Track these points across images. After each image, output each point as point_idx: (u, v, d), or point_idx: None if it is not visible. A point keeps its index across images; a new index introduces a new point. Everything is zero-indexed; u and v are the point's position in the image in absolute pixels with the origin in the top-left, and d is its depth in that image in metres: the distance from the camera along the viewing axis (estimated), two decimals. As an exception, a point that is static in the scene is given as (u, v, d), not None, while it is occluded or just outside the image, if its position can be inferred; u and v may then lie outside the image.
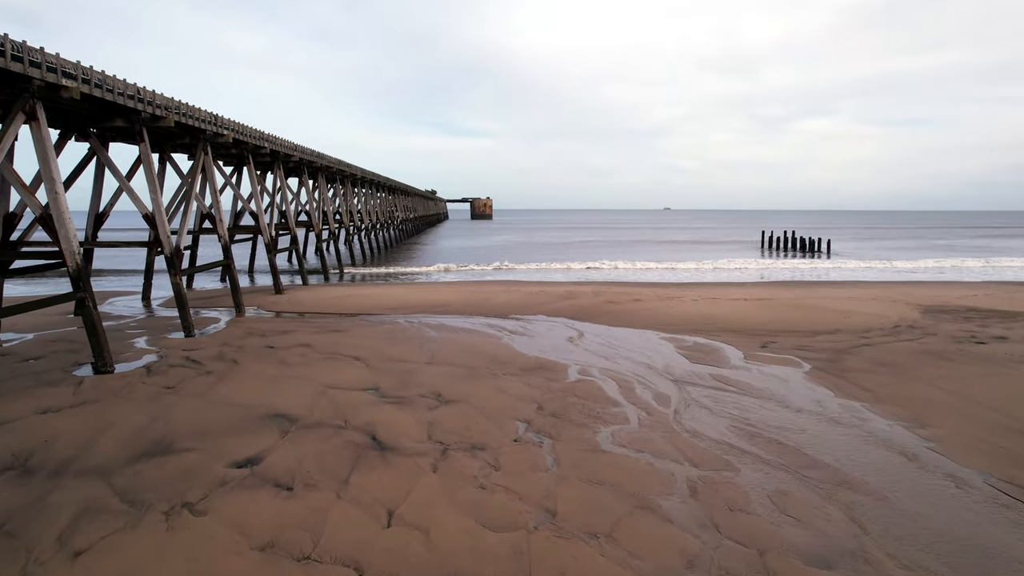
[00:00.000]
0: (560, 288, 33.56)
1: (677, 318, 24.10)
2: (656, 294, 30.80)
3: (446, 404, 13.38)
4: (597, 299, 29.21)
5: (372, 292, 32.45)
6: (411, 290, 33.31)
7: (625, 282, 38.76)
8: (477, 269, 49.41)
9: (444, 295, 30.95)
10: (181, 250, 22.33)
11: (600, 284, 36.81)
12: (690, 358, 17.65)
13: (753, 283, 37.73)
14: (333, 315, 26.02)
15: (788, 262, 55.90)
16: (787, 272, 47.30)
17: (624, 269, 49.27)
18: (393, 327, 22.49)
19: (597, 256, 62.27)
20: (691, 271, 48.42)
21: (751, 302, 27.90)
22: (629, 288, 33.73)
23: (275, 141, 33.72)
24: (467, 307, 27.34)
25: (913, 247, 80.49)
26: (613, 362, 17.25)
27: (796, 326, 22.27)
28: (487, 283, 37.66)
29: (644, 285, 36.17)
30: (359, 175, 58.80)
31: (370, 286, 36.31)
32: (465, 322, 23.62)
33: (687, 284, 36.89)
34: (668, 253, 67.10)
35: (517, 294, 31.15)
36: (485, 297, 30.04)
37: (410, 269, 49.06)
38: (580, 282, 38.77)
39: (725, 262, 55.47)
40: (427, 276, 44.77)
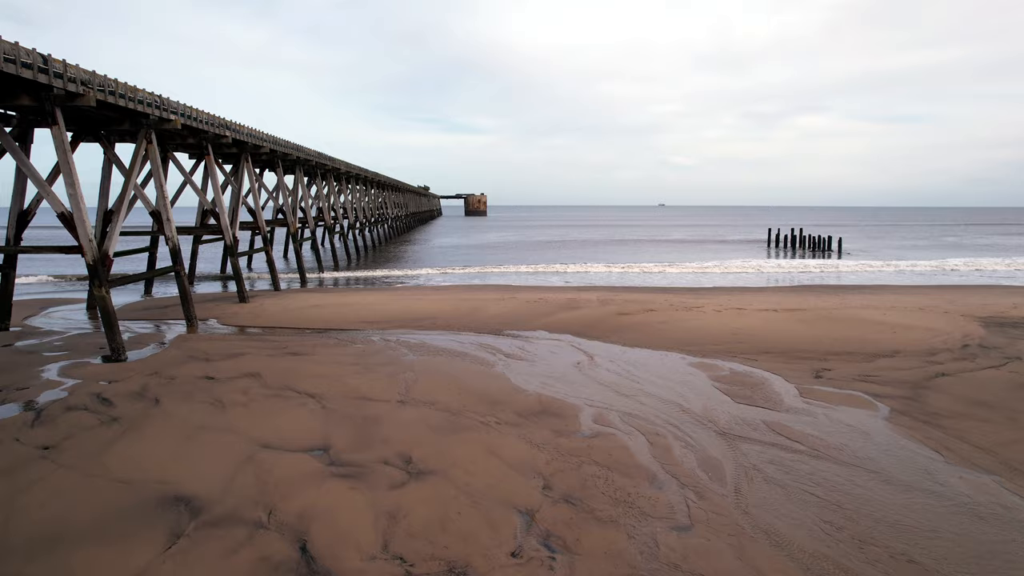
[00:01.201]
0: (561, 295, 29.90)
1: (702, 335, 20.45)
2: (671, 303, 27.15)
3: (417, 477, 9.68)
4: (604, 309, 25.55)
5: (349, 300, 28.70)
6: (394, 298, 29.58)
7: (632, 287, 35.11)
8: (469, 272, 45.70)
9: (430, 304, 27.23)
10: (109, 256, 18.54)
11: (605, 290, 33.15)
12: (732, 395, 14.01)
13: (776, 288, 34.12)
14: (299, 330, 22.29)
15: (802, 263, 52.37)
16: (804, 275, 43.75)
17: (628, 272, 45.62)
18: (365, 348, 18.75)
19: (598, 256, 58.67)
20: (700, 274, 44.83)
21: (783, 313, 24.27)
22: (639, 295, 30.08)
23: (240, 130, 29.90)
24: (456, 320, 23.64)
25: (924, 246, 77.18)
26: (636, 401, 13.58)
27: (846, 346, 18.64)
28: (480, 288, 33.96)
29: (655, 291, 32.52)
30: (343, 170, 54.94)
31: (349, 292, 32.55)
32: (452, 340, 19.92)
33: (703, 290, 33.25)
34: (673, 253, 63.53)
35: (513, 303, 27.45)
36: (477, 307, 26.34)
37: (397, 272, 45.30)
38: (583, 287, 35.10)
39: (736, 264, 51.91)
40: (415, 280, 41.02)
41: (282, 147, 36.83)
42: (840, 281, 39.02)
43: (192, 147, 28.72)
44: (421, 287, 36.06)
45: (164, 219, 22.85)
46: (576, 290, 33.00)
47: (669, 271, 45.98)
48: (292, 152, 38.60)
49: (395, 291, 32.99)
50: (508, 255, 59.92)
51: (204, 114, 25.87)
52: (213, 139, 27.58)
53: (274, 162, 37.97)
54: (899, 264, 49.72)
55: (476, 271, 45.48)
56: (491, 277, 41.68)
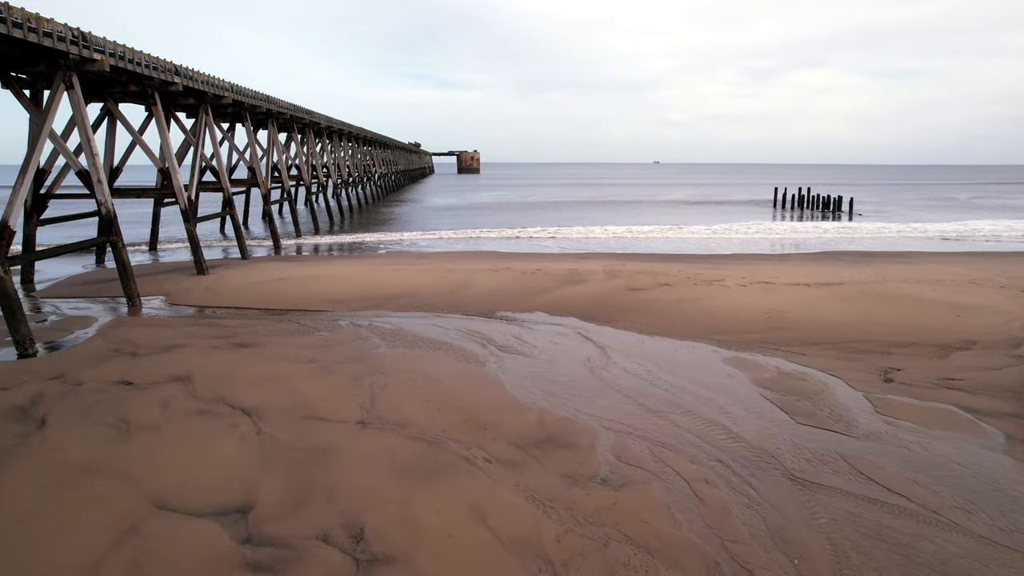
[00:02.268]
0: (561, 265, 26.62)
1: (732, 318, 17.30)
2: (686, 274, 23.93)
3: (367, 572, 6.58)
4: (612, 283, 22.33)
5: (323, 272, 25.35)
6: (373, 268, 26.23)
7: (639, 255, 31.83)
8: (460, 236, 42.24)
9: (413, 277, 23.93)
10: (9, 226, 15.09)
11: (609, 257, 29.86)
12: (789, 409, 10.90)
13: (798, 256, 30.87)
14: (257, 311, 19.03)
15: (816, 226, 49.09)
16: (823, 240, 40.53)
17: (632, 236, 42.23)
18: (328, 337, 15.52)
19: (597, 218, 55.19)
20: (710, 238, 41.53)
21: (818, 289, 21.12)
22: (648, 264, 26.82)
23: (195, 77, 26.00)
24: (441, 298, 20.40)
25: (935, 206, 73.85)
26: (669, 421, 10.46)
27: (907, 334, 15.53)
28: (470, 256, 30.62)
29: (665, 259, 29.25)
30: (323, 124, 50.79)
31: (325, 262, 29.14)
32: (435, 326, 16.71)
33: (719, 258, 30.00)
34: (676, 215, 59.98)
35: (507, 275, 24.18)
36: (466, 280, 23.06)
37: (381, 236, 41.78)
38: (584, 254, 31.80)
39: (745, 226, 48.58)
40: (400, 245, 37.58)
41: (249, 98, 32.87)
42: (864, 247, 35.81)
43: (137, 96, 24.86)
44: (405, 254, 32.68)
45: (94, 181, 19.29)
46: (577, 258, 29.71)
47: (675, 235, 42.64)
48: (262, 104, 34.63)
49: (376, 260, 29.61)
50: (502, 217, 56.33)
51: (146, 56, 22.02)
52: (160, 87, 23.73)
53: (241, 115, 34.02)
54: (922, 227, 46.48)
55: (467, 236, 42.03)
56: (483, 243, 38.28)
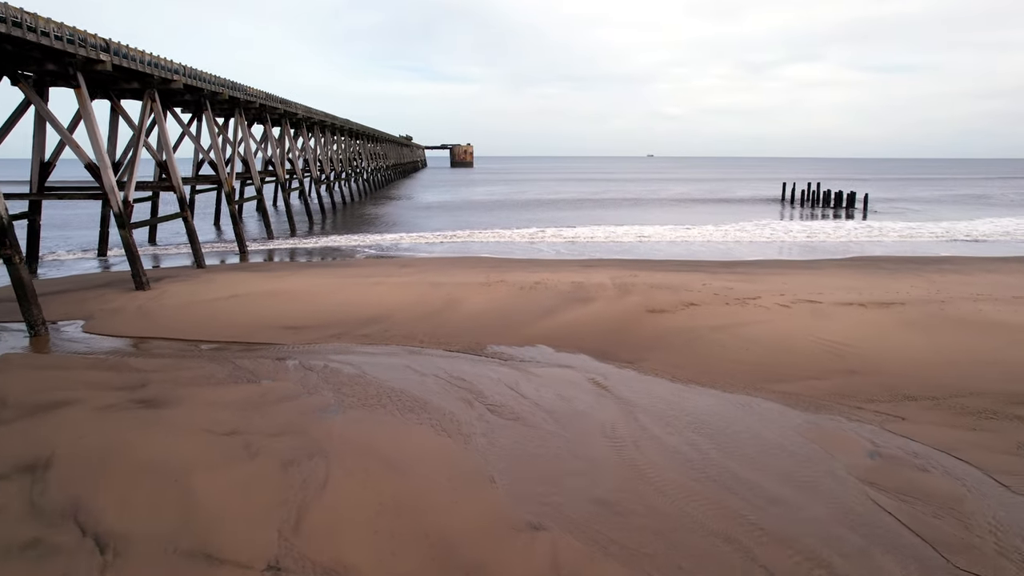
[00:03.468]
0: (564, 276, 22.90)
1: (786, 353, 13.64)
2: (712, 289, 20.26)
3: None
4: (627, 302, 18.63)
5: (285, 287, 21.53)
6: (346, 281, 22.44)
7: (651, 262, 28.13)
8: (451, 238, 38.44)
9: (391, 293, 20.16)
10: None
11: (618, 265, 26.14)
12: (933, 540, 7.17)
13: (832, 263, 27.18)
14: (189, 343, 15.26)
15: (836, 225, 45.55)
16: (847, 241, 36.97)
17: (638, 238, 38.50)
18: (267, 390, 11.73)
19: (598, 216, 51.44)
20: (725, 241, 37.90)
21: (875, 310, 17.46)
22: (665, 275, 23.12)
23: (132, 56, 22.07)
24: (421, 322, 16.67)
25: (952, 201, 70.50)
26: (748, 559, 6.76)
27: (1021, 379, 11.89)
28: (461, 264, 26.87)
29: (682, 268, 25.54)
30: (301, 115, 46.82)
31: (292, 272, 25.27)
32: (408, 368, 12.97)
33: (743, 265, 26.31)
34: (680, 213, 56.22)
35: (501, 290, 20.45)
36: (452, 297, 19.32)
37: (363, 239, 37.93)
38: (589, 261, 28.07)
39: (758, 226, 44.98)
40: (382, 249, 33.78)
41: (208, 83, 28.94)
42: (899, 250, 32.23)
43: (56, 76, 20.93)
44: (387, 261, 28.89)
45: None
46: (581, 267, 25.99)
47: (683, 237, 38.94)
48: (224, 91, 30.69)
49: (352, 269, 25.79)
50: (497, 216, 52.47)
51: (60, 26, 18.11)
52: (83, 65, 19.81)
53: (201, 103, 30.08)
54: (948, 227, 42.94)
55: (458, 238, 38.22)
56: (475, 247, 34.48)
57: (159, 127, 25.22)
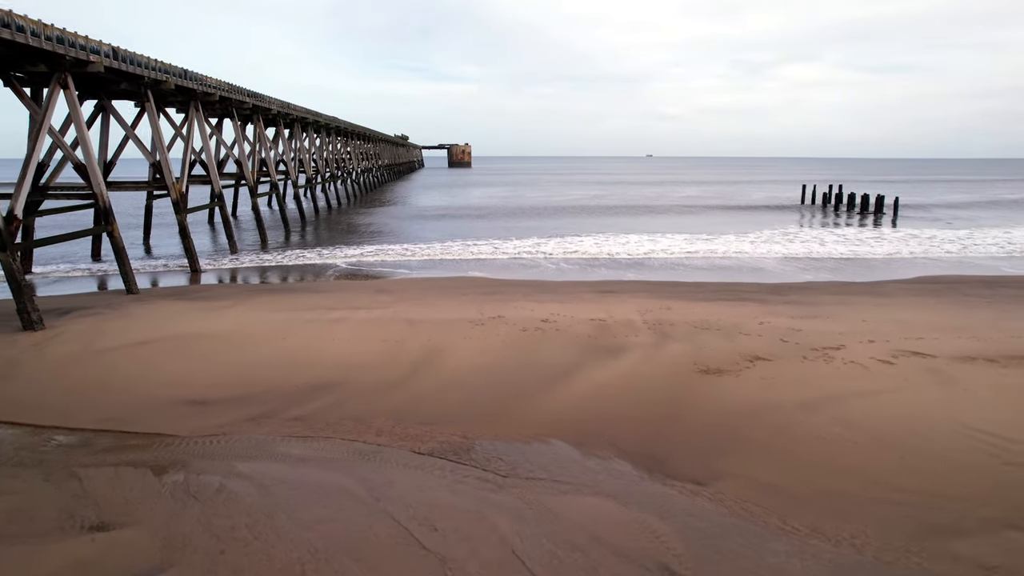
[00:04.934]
0: (580, 307, 18.08)
1: (930, 460, 8.82)
2: (777, 331, 15.42)
3: None
4: (670, 353, 13.80)
5: (214, 328, 16.60)
6: (300, 318, 17.55)
7: (682, 283, 23.28)
8: (440, 253, 33.59)
9: (350, 340, 15.29)
10: None
11: (644, 291, 21.28)
12: None
13: (906, 287, 22.30)
14: (38, 431, 10.40)
15: (877, 235, 40.77)
16: (896, 256, 32.17)
17: (658, 252, 33.59)
18: (83, 564, 6.88)
19: (608, 225, 46.51)
20: (754, 253, 33.08)
21: (1016, 369, 12.64)
22: (706, 306, 18.27)
23: (27, 28, 17.22)
24: (382, 392, 11.82)
25: (987, 205, 65.68)
26: None
27: None
28: (448, 289, 22.03)
29: (724, 293, 20.68)
30: (277, 110, 41.94)
31: (232, 303, 20.25)
32: (348, 495, 8.10)
33: (798, 291, 21.43)
34: (695, 220, 51.14)
35: (499, 332, 15.61)
36: (431, 347, 14.47)
37: (340, 253, 33.07)
38: (607, 284, 23.22)
39: (783, 234, 40.25)
40: (359, 266, 28.94)
41: (147, 70, 24.08)
42: (966, 268, 27.45)
43: None
44: (360, 284, 24.06)
45: None
46: (598, 292, 21.17)
47: (708, 249, 34.10)
48: (169, 79, 25.79)
49: (314, 298, 20.91)
50: (494, 224, 47.35)
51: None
52: None
53: (141, 93, 25.16)
54: (1002, 236, 38.14)
55: (450, 253, 33.36)
56: (469, 265, 29.60)
57: (75, 119, 20.34)
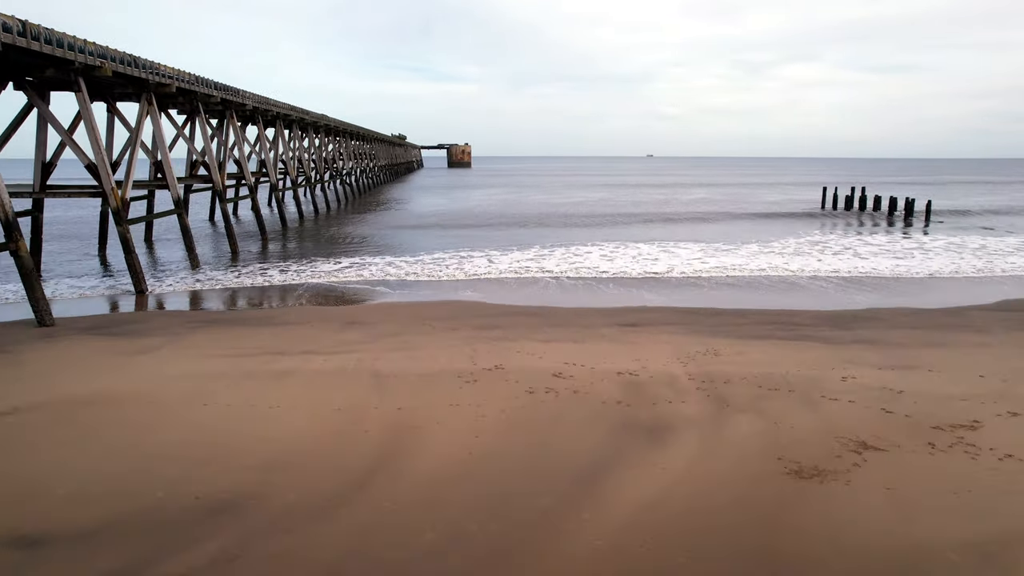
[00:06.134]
0: (601, 353, 14.07)
1: None
2: (863, 390, 11.39)
3: None
4: (735, 436, 9.76)
5: (121, 387, 12.54)
6: (232, 369, 13.48)
7: (723, 312, 19.23)
8: (429, 268, 29.59)
9: (293, 408, 11.22)
10: None
11: (680, 323, 17.26)
12: None
13: (995, 318, 18.25)
14: None
15: (914, 245, 36.75)
16: (957, 273, 28.18)
17: (681, 268, 29.53)
18: None
19: (618, 235, 42.32)
20: (789, 267, 29.07)
21: None
22: (764, 349, 14.24)
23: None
24: (317, 506, 7.73)
25: (1016, 208, 61.66)
26: None
27: None
28: (434, 321, 18.03)
29: (776, 324, 16.62)
30: (253, 106, 37.88)
31: (159, 342, 16.04)
32: None
33: (864, 322, 17.36)
34: (711, 228, 46.54)
35: (498, 395, 11.57)
36: (400, 424, 10.42)
37: (316, 270, 29.07)
38: (630, 312, 19.20)
39: (810, 243, 36.26)
40: (334, 286, 24.94)
41: (85, 55, 20.08)
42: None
43: None
44: (329, 312, 20.07)
45: None
46: (620, 325, 17.15)
47: (735, 265, 30.05)
48: (107, 65, 21.76)
49: (263, 335, 16.85)
50: (494, 234, 42.50)
51: None
52: None
53: (69, 80, 21.13)
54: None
55: (441, 269, 29.30)
56: (463, 287, 25.57)
57: None
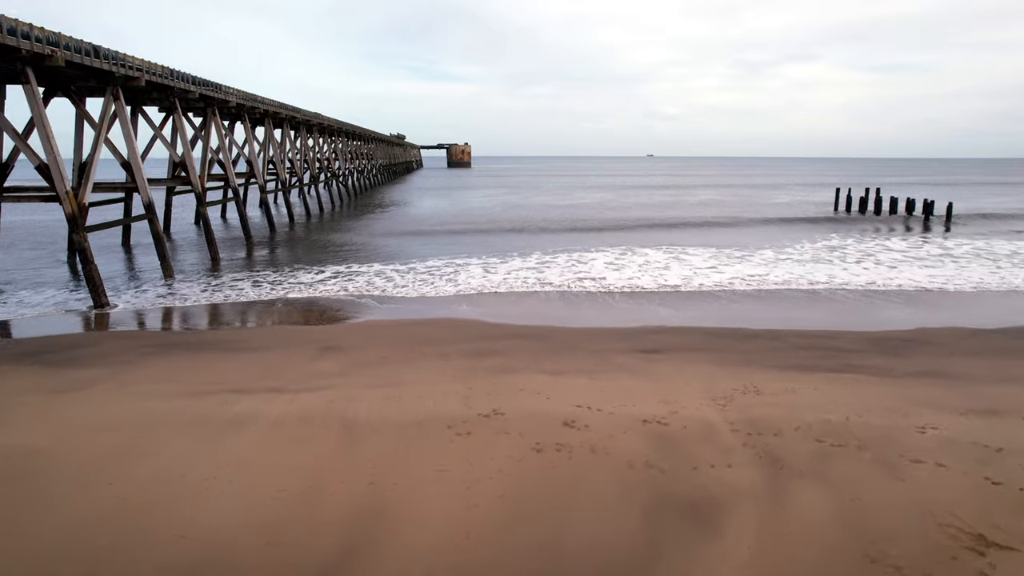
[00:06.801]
0: (620, 392, 11.77)
1: None
2: (952, 447, 9.13)
3: None
4: (800, 517, 7.44)
5: (35, 441, 10.28)
6: (164, 431, 11.21)
7: (751, 334, 16.88)
8: (422, 278, 27.31)
9: (242, 473, 8.90)
10: None
11: (706, 347, 14.94)
12: None
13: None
14: None
15: (940, 251, 34.45)
16: (1003, 284, 25.88)
17: (700, 281, 27.12)
18: None
19: (625, 240, 39.96)
20: (814, 283, 26.79)
21: None
22: (808, 387, 11.93)
23: None
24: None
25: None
26: None
27: None
28: (423, 351, 15.71)
29: (817, 354, 14.27)
30: (238, 103, 35.55)
31: (106, 375, 13.72)
32: None
33: (918, 347, 15.02)
34: (723, 233, 43.96)
35: (497, 455, 9.24)
36: (370, 503, 8.11)
37: (295, 285, 26.78)
38: (647, 337, 16.85)
39: (827, 250, 33.95)
40: (314, 301, 22.65)
41: (32, 43, 17.77)
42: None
43: None
44: (303, 336, 17.75)
45: None
46: (641, 356, 14.81)
47: (751, 275, 27.73)
48: (59, 54, 19.45)
49: (225, 364, 14.54)
50: (495, 240, 39.45)
51: None
52: None
53: (15, 72, 18.80)
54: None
55: (435, 278, 26.99)
56: (456, 302, 23.24)
57: None
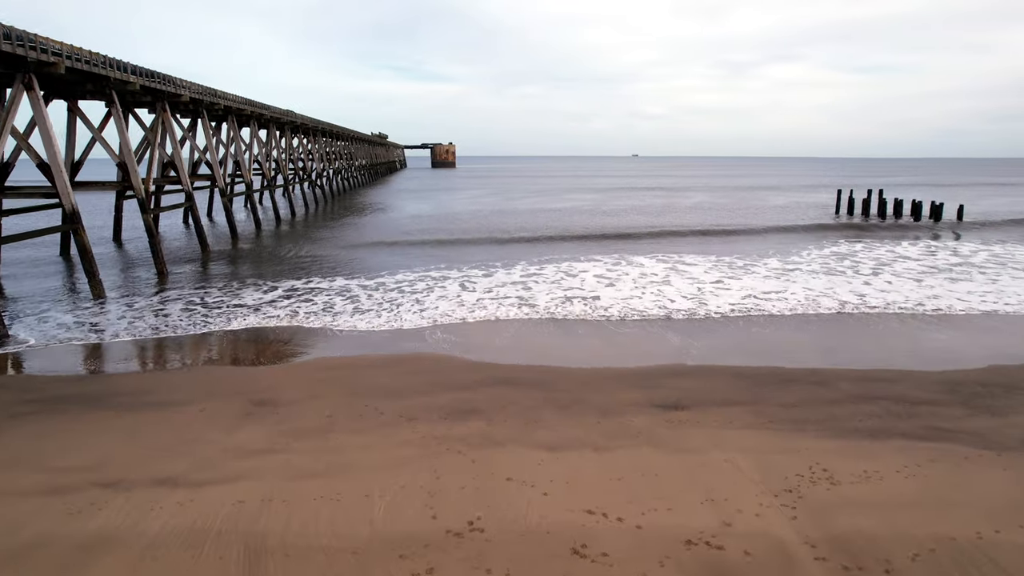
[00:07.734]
0: (643, 483, 8.67)
1: None
2: None
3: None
4: None
5: None
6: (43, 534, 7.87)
7: (793, 372, 13.70)
8: (391, 300, 23.98)
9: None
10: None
11: (745, 406, 11.82)
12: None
13: None
14: None
15: (959, 259, 31.70)
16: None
17: (708, 306, 24.16)
18: None
19: (617, 249, 36.80)
20: (836, 302, 23.85)
21: None
22: (895, 472, 8.86)
23: None
24: None
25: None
26: None
27: None
28: (381, 409, 12.44)
29: (880, 408, 11.22)
30: (192, 97, 31.90)
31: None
32: None
33: (997, 391, 12.04)
34: (722, 241, 40.91)
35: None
36: None
37: (240, 307, 23.36)
38: (663, 380, 13.65)
39: (836, 257, 31.09)
40: (255, 330, 19.26)
41: None
42: None
43: None
44: (229, 387, 14.41)
45: None
46: (656, 409, 11.71)
47: (761, 290, 24.77)
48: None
49: (114, 437, 11.28)
50: (477, 251, 35.47)
51: None
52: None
53: None
54: None
55: (406, 297, 23.75)
56: (428, 335, 19.93)
57: None
